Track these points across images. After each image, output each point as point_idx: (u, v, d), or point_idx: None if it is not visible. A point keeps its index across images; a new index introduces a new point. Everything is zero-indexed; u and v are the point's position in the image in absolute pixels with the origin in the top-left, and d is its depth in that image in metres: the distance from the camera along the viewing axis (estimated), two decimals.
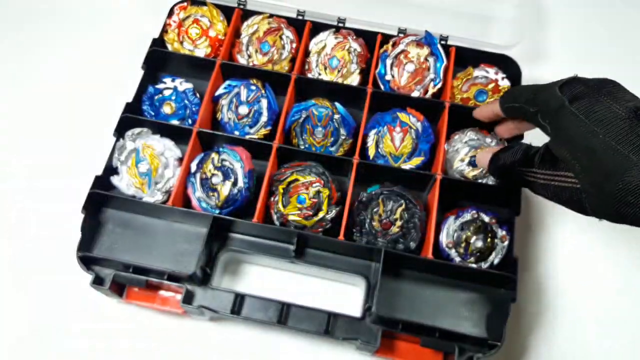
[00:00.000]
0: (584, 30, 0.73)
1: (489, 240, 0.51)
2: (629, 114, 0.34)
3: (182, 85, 0.58)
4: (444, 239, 0.51)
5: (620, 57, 0.71)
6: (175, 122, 0.57)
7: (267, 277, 0.54)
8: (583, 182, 0.36)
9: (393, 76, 0.58)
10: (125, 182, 0.53)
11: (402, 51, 0.59)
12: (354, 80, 0.59)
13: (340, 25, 0.61)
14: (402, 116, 0.56)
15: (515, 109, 0.45)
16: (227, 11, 0.62)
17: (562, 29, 0.73)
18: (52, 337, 0.52)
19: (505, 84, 0.58)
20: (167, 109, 0.57)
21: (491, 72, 0.59)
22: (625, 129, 0.34)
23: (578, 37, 0.72)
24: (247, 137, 0.55)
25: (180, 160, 0.54)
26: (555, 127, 0.38)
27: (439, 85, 0.58)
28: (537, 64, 0.68)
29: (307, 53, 0.61)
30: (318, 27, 0.61)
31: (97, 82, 0.65)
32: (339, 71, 0.59)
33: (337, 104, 0.57)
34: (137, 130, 0.54)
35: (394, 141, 0.55)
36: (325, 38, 0.60)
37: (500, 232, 0.51)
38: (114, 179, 0.53)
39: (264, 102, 0.56)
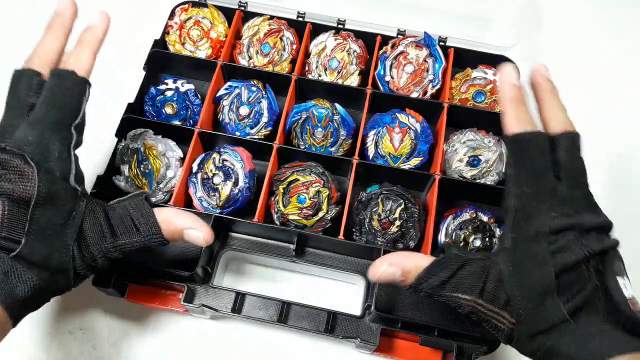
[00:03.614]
0: (583, 31, 0.73)
1: (487, 239, 0.51)
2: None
3: (184, 86, 0.58)
4: (442, 238, 0.52)
5: (619, 57, 0.71)
6: (176, 122, 0.57)
7: (267, 276, 0.55)
8: (520, 330, 0.35)
9: (392, 77, 0.59)
10: (127, 183, 0.53)
11: (401, 52, 0.59)
12: (353, 81, 0.59)
13: (340, 26, 0.62)
14: (401, 117, 0.56)
15: (506, 166, 0.40)
16: (228, 13, 0.62)
17: (561, 30, 0.73)
18: (52, 336, 0.52)
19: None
20: (168, 110, 0.58)
21: (489, 73, 0.59)
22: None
23: (576, 38, 0.73)
24: (248, 137, 0.56)
25: (182, 160, 0.55)
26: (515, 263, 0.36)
27: (438, 86, 0.58)
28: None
29: (307, 54, 0.61)
30: (318, 29, 0.62)
31: (99, 82, 0.65)
32: (338, 72, 0.60)
33: (337, 104, 0.57)
34: (138, 130, 0.55)
35: (393, 141, 0.55)
36: (325, 39, 0.61)
37: (499, 232, 0.52)
38: (116, 179, 0.53)
39: (265, 103, 0.57)
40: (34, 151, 0.36)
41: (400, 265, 0.37)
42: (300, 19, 0.62)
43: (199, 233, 0.41)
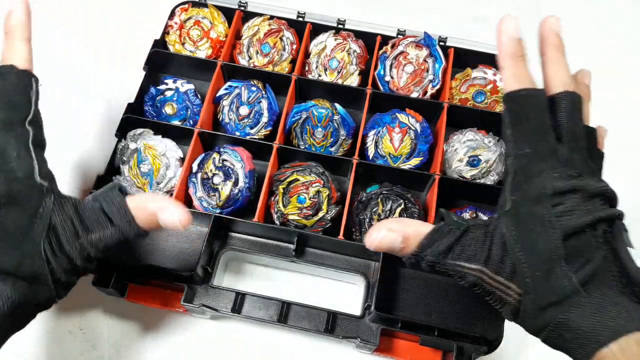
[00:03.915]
0: (583, 31, 0.73)
1: None
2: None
3: (184, 86, 0.58)
4: None
5: (620, 56, 0.71)
6: (176, 122, 0.57)
7: (267, 276, 0.55)
8: (527, 302, 0.32)
9: (392, 77, 0.59)
10: (127, 182, 0.53)
11: (401, 52, 0.59)
12: (353, 81, 0.59)
13: (340, 26, 0.62)
14: (401, 117, 0.56)
15: (504, 127, 0.36)
16: (228, 13, 0.62)
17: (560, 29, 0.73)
18: (52, 336, 0.53)
19: (503, 84, 0.59)
20: (168, 110, 0.58)
21: (489, 73, 0.59)
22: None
23: (576, 38, 0.73)
24: (248, 137, 0.56)
25: (182, 160, 0.55)
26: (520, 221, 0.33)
27: (438, 86, 0.58)
28: (536, 65, 0.69)
29: (307, 54, 0.61)
30: (318, 29, 0.62)
31: (99, 82, 0.65)
32: (338, 72, 0.60)
33: (337, 104, 0.57)
34: (138, 130, 0.55)
35: (393, 141, 0.56)
36: (325, 39, 0.61)
37: None
38: (116, 179, 0.53)
39: (265, 103, 0.57)
40: None
41: (401, 231, 0.34)
42: (300, 19, 0.62)
43: (173, 214, 0.37)
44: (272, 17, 0.62)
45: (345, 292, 0.54)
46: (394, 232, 0.34)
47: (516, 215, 0.33)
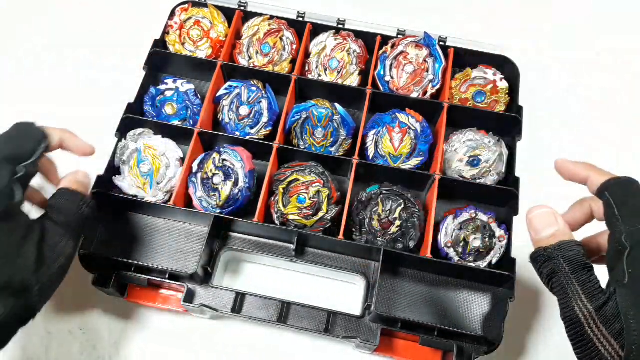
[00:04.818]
0: (583, 31, 0.73)
1: (487, 239, 0.51)
2: None
3: (184, 86, 0.58)
4: (442, 238, 0.52)
5: (619, 57, 0.71)
6: (176, 122, 0.57)
7: (267, 276, 0.55)
8: None
9: (392, 77, 0.59)
10: (127, 182, 0.53)
11: (401, 52, 0.59)
12: (353, 81, 0.59)
13: (340, 26, 0.62)
14: (401, 117, 0.56)
15: (609, 207, 0.36)
16: (228, 13, 0.62)
17: (561, 29, 0.73)
18: (52, 336, 0.53)
19: (503, 84, 0.59)
20: (168, 110, 0.58)
21: (489, 73, 0.59)
22: None
23: (576, 38, 0.73)
24: (248, 137, 0.56)
25: (182, 160, 0.55)
26: None
27: (438, 86, 0.58)
28: (536, 65, 0.69)
29: (307, 54, 0.61)
30: (318, 29, 0.62)
31: (99, 82, 0.65)
32: (338, 72, 0.60)
33: (337, 104, 0.57)
34: (138, 130, 0.55)
35: (393, 141, 0.55)
36: (325, 39, 0.61)
37: (499, 232, 0.52)
38: (117, 179, 0.53)
39: (265, 103, 0.57)
40: None
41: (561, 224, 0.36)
42: (300, 19, 0.62)
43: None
44: (272, 17, 0.62)
45: (345, 292, 0.54)
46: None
47: (633, 288, 0.33)
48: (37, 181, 0.44)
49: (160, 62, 0.60)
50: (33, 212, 0.43)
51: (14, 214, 0.38)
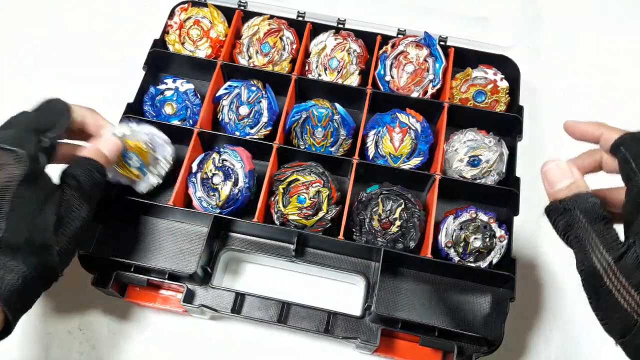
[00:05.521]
0: (583, 31, 0.73)
1: (487, 239, 0.51)
2: None
3: (183, 86, 0.58)
4: (443, 238, 0.52)
5: (619, 57, 0.71)
6: (176, 122, 0.57)
7: (267, 277, 0.55)
8: None
9: (392, 77, 0.59)
10: (125, 181, 0.53)
11: (402, 52, 0.59)
12: (353, 81, 0.59)
13: (340, 26, 0.62)
14: (402, 117, 0.56)
15: (625, 162, 0.35)
16: (227, 12, 0.62)
17: (561, 29, 0.73)
18: (52, 336, 0.52)
19: (504, 84, 0.59)
20: (168, 110, 0.58)
21: (490, 73, 0.59)
22: None
23: (576, 38, 0.73)
24: (248, 137, 0.56)
25: (169, 141, 0.54)
26: None
27: (438, 86, 0.58)
28: (536, 65, 0.69)
29: (307, 54, 0.61)
30: (318, 28, 0.62)
31: (99, 82, 0.65)
32: (338, 72, 0.59)
33: (337, 104, 0.57)
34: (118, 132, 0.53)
35: (394, 141, 0.55)
36: (325, 39, 0.61)
37: (499, 232, 0.52)
38: (111, 178, 0.52)
39: (265, 103, 0.57)
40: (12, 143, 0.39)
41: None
42: (300, 18, 0.62)
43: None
44: (272, 17, 0.62)
45: (345, 292, 0.54)
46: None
47: None
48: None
49: (160, 61, 0.60)
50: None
51: (38, 177, 0.40)
